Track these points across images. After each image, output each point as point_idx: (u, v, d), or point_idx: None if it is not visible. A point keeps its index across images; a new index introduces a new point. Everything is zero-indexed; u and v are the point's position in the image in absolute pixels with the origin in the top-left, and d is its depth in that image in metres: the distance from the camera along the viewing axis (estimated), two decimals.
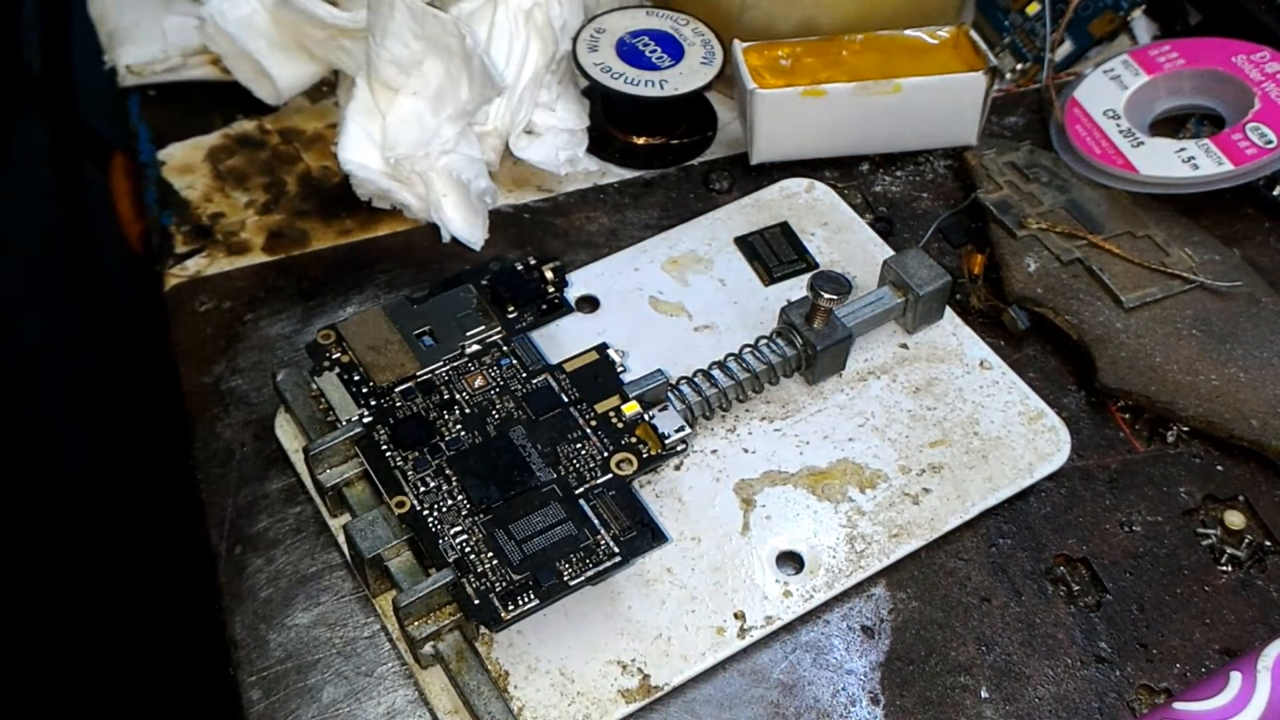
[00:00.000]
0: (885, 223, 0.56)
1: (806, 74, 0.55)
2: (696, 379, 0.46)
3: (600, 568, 0.40)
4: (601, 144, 0.59)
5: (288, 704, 0.41)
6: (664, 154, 0.59)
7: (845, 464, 0.46)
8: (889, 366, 0.49)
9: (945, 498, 0.45)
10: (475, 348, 0.46)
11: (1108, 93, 0.57)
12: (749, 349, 0.47)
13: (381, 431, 0.44)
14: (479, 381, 0.45)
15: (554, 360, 0.46)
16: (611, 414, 0.44)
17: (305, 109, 0.61)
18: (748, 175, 0.58)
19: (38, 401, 1.18)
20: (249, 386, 0.50)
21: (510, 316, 0.48)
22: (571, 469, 0.42)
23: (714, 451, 0.46)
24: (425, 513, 0.41)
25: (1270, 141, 0.53)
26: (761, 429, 0.47)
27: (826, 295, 0.46)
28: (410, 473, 0.42)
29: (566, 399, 0.45)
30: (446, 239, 0.55)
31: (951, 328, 0.50)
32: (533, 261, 0.50)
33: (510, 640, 0.41)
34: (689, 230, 0.54)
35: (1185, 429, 0.49)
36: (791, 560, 0.44)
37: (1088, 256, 0.52)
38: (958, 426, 0.47)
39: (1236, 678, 0.40)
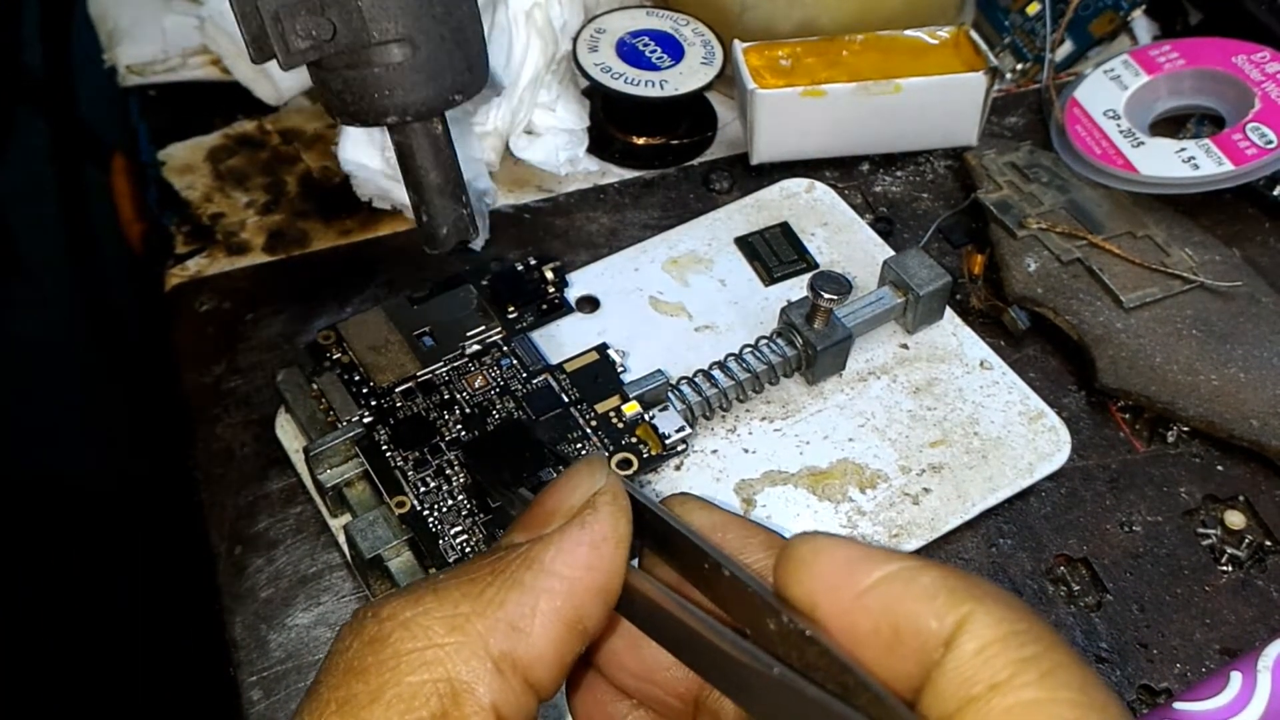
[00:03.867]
0: (885, 223, 0.56)
1: (806, 74, 0.55)
2: (697, 379, 0.46)
3: None
4: (602, 144, 0.59)
5: (288, 704, 0.41)
6: (664, 154, 0.59)
7: (845, 464, 0.46)
8: (889, 367, 0.49)
9: (945, 498, 0.45)
10: (475, 348, 0.46)
11: (1108, 93, 0.57)
12: (749, 349, 0.47)
13: (382, 432, 0.44)
14: (479, 382, 0.45)
15: (554, 360, 0.46)
16: (612, 414, 0.44)
17: (305, 109, 0.61)
18: (748, 175, 0.58)
19: (38, 401, 1.18)
20: (249, 386, 0.50)
21: (510, 317, 0.48)
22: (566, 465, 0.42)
23: (714, 451, 0.46)
24: (425, 513, 0.41)
25: (1270, 141, 0.53)
26: (762, 429, 0.47)
27: (827, 295, 0.46)
28: (410, 473, 0.42)
29: (567, 399, 0.45)
30: None
31: (952, 328, 0.50)
32: (533, 262, 0.50)
33: None
34: (689, 230, 0.54)
35: (1185, 429, 0.49)
36: None
37: (1088, 256, 0.52)
38: (958, 426, 0.47)
39: (1237, 677, 0.39)
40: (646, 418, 0.44)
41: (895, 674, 0.21)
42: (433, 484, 0.42)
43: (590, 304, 0.51)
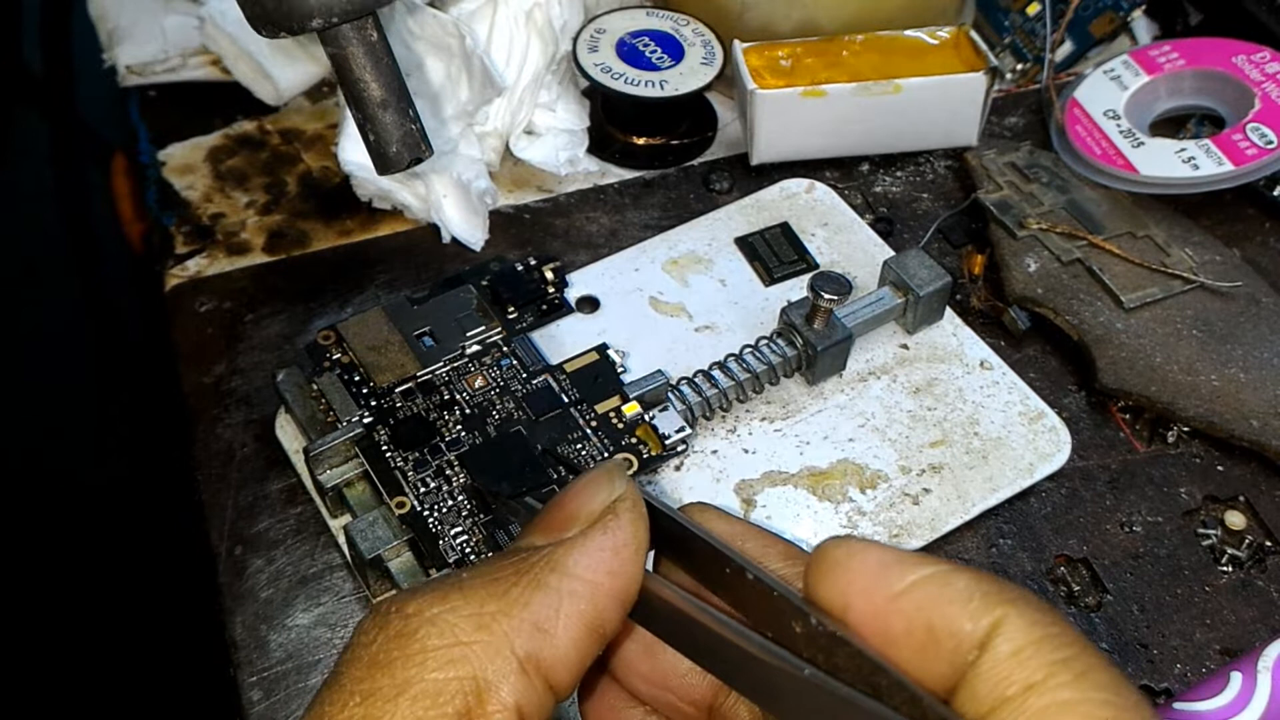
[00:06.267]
0: (885, 223, 0.56)
1: (807, 74, 0.55)
2: (697, 379, 0.46)
3: None
4: (602, 144, 0.59)
5: (288, 704, 0.41)
6: (664, 154, 0.59)
7: (845, 464, 0.46)
8: (889, 367, 0.49)
9: (946, 498, 0.45)
10: (475, 348, 0.46)
11: (1108, 93, 0.57)
12: (749, 349, 0.47)
13: (382, 432, 0.44)
14: (479, 382, 0.45)
15: (554, 361, 0.46)
16: (612, 414, 0.44)
17: (305, 109, 0.61)
18: (748, 175, 0.58)
19: (38, 401, 1.18)
20: (249, 387, 0.50)
21: (510, 317, 0.48)
22: (572, 470, 0.42)
23: (714, 452, 0.46)
24: (426, 513, 0.41)
25: (1270, 142, 0.53)
26: (762, 429, 0.47)
27: (827, 296, 0.46)
28: (410, 473, 0.42)
29: (567, 399, 0.45)
30: (447, 239, 0.55)
31: (952, 328, 0.50)
32: (533, 262, 0.50)
33: None
34: (689, 231, 0.54)
35: (1185, 429, 0.49)
36: None
37: (1088, 257, 0.52)
38: (958, 427, 0.47)
39: (1237, 678, 0.40)
40: (646, 418, 0.44)
41: (927, 675, 0.21)
42: (433, 484, 0.42)
43: (590, 304, 0.51)
